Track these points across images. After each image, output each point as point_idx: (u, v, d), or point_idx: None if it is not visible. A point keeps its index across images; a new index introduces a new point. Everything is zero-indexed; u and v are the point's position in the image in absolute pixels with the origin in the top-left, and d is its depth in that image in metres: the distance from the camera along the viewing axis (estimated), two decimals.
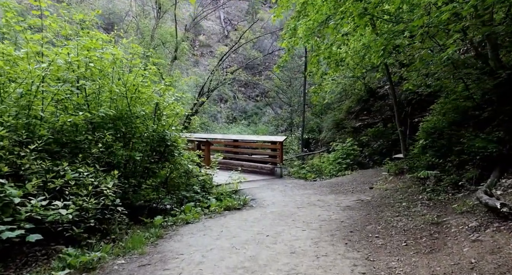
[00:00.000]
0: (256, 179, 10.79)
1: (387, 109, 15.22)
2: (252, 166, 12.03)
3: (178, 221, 5.48)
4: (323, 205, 6.81)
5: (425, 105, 13.67)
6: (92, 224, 4.14)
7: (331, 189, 9.09)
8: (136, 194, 5.46)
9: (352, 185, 9.50)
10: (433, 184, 6.79)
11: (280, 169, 11.28)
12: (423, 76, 9.53)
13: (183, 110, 7.41)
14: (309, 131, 20.29)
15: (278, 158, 11.38)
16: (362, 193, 7.96)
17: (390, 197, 6.72)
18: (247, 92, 40.69)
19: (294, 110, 24.73)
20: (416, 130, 12.57)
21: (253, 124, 35.72)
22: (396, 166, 9.10)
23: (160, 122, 6.55)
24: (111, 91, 5.68)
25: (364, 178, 10.58)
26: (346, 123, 16.59)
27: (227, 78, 21.99)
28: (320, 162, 14.47)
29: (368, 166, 13.68)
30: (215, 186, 8.87)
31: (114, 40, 7.04)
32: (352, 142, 14.02)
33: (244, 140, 13.15)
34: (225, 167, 12.69)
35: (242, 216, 5.88)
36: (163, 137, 6.38)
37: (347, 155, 13.60)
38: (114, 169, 5.09)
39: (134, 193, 5.46)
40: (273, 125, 31.01)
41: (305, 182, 10.60)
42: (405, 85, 10.75)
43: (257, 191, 9.06)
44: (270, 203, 7.37)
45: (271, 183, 10.26)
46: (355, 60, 11.06)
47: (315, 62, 10.52)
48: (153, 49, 23.00)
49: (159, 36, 23.49)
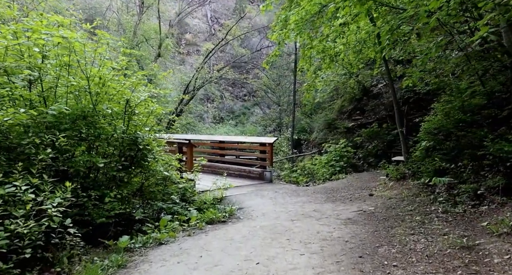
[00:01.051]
0: (243, 184, 9.89)
1: (381, 109, 14.48)
2: (240, 170, 11.12)
3: (149, 242, 4.53)
4: (321, 217, 5.94)
5: (423, 104, 12.97)
6: (29, 255, 3.17)
7: (326, 196, 8.24)
8: (98, 209, 4.49)
9: (349, 191, 8.67)
10: (444, 193, 5.99)
11: (270, 173, 10.39)
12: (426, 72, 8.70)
13: (160, 108, 6.46)
14: (299, 132, 19.48)
15: (267, 161, 10.50)
16: (363, 201, 7.12)
17: (397, 208, 5.89)
18: (234, 91, 39.76)
19: (283, 110, 23.89)
20: (414, 130, 11.85)
21: (241, 124, 34.81)
22: (397, 171, 8.30)
23: (132, 122, 5.59)
24: (68, 84, 4.70)
25: (361, 182, 9.77)
26: (339, 123, 15.80)
27: (213, 76, 20.98)
28: (312, 164, 13.64)
29: (362, 168, 12.91)
30: (198, 194, 7.95)
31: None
32: (346, 143, 13.22)
33: (231, 141, 12.23)
34: (211, 170, 11.76)
35: (227, 234, 4.96)
36: (134, 139, 5.42)
37: (341, 157, 12.80)
38: (70, 180, 4.13)
39: (95, 208, 4.49)
40: (262, 125, 30.14)
41: (297, 188, 9.73)
42: (404, 81, 9.98)
43: (245, 198, 8.16)
44: (260, 214, 6.47)
45: (260, 188, 9.37)
46: (351, 55, 10.24)
47: (308, 56, 9.67)
48: (136, 45, 21.93)
49: (142, 32, 22.38)
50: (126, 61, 5.96)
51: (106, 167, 5.01)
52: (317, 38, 9.33)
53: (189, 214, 5.89)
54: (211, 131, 30.03)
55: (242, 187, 9.58)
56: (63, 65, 4.76)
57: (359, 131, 14.69)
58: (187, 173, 8.32)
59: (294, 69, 17.73)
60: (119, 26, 22.40)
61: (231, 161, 11.99)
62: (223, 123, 34.43)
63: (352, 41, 9.49)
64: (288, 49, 20.53)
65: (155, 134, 6.53)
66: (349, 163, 12.81)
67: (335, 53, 9.74)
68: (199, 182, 9.44)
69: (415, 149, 8.82)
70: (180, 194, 6.72)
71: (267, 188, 9.40)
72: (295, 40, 9.74)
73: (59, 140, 4.17)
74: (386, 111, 14.13)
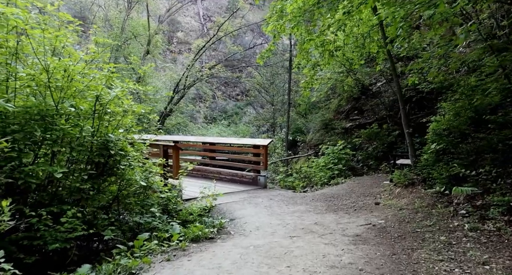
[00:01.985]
0: (235, 190, 9.05)
1: (381, 108, 13.75)
2: (232, 174, 10.27)
3: (117, 272, 3.66)
4: (324, 232, 5.12)
5: (426, 103, 12.24)
6: None
7: (327, 205, 7.44)
8: (53, 231, 3.63)
9: (351, 199, 7.88)
10: (466, 204, 5.22)
11: (264, 178, 9.57)
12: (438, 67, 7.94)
13: (140, 106, 5.60)
14: (294, 132, 18.69)
15: (262, 164, 9.67)
16: (369, 212, 6.33)
17: (412, 222, 5.09)
18: (227, 91, 38.93)
19: (277, 110, 23.08)
20: (417, 131, 11.15)
21: (234, 124, 34.01)
22: (404, 177, 7.52)
23: (103, 122, 4.72)
24: (16, 76, 3.82)
25: (363, 188, 8.99)
26: (336, 124, 15.04)
27: (205, 74, 20.08)
28: (308, 167, 12.84)
29: (362, 172, 12.15)
30: (184, 203, 7.11)
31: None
32: (344, 145, 12.44)
33: (223, 143, 11.38)
34: (200, 174, 10.91)
35: (214, 258, 4.11)
36: (105, 143, 4.56)
37: (339, 160, 12.03)
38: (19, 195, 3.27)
39: (49, 229, 3.62)
40: (255, 126, 29.37)
41: (293, 194, 8.91)
42: (410, 78, 9.22)
43: (237, 207, 7.33)
44: (253, 227, 5.64)
45: (254, 195, 8.54)
46: (352, 50, 9.45)
47: (305, 51, 8.86)
48: (124, 42, 20.97)
49: (130, 28, 21.43)
50: (100, 52, 5.08)
51: (68, 177, 4.14)
52: (315, 32, 8.54)
53: (171, 230, 5.03)
54: (203, 131, 29.16)
55: (234, 193, 8.75)
56: (12, 53, 3.88)
57: (357, 132, 13.94)
58: (173, 179, 7.50)
59: (288, 67, 16.93)
60: (106, 22, 21.41)
61: (223, 164, 11.14)
62: (216, 123, 33.61)
63: (354, 33, 8.70)
64: (282, 46, 19.75)
65: (133, 136, 5.67)
66: (348, 166, 12.05)
67: (335, 48, 8.94)
68: (187, 188, 8.60)
69: (422, 152, 8.07)
70: (162, 205, 5.86)
71: (262, 195, 8.58)
72: (291, 32, 8.92)
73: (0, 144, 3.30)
74: (387, 110, 13.40)
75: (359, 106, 15.09)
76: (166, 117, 20.55)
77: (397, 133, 12.24)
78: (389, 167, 11.63)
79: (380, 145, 12.43)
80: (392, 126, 12.74)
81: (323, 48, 8.89)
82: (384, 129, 12.59)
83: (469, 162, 6.00)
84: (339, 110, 16.18)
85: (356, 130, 14.10)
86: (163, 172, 7.25)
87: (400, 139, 12.26)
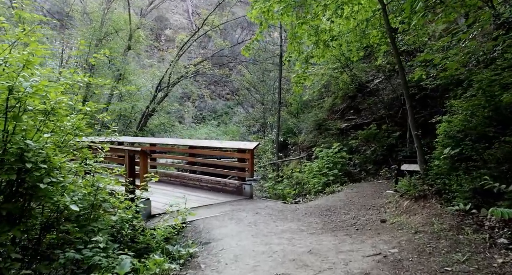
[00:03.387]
0: (217, 202, 7.82)
1: (380, 107, 12.60)
2: (213, 182, 9.03)
3: None
4: (321, 267, 3.92)
5: (429, 101, 11.10)
6: None
7: (322, 221, 6.25)
8: None
9: (350, 212, 6.71)
10: (505, 230, 4.05)
11: (250, 187, 8.34)
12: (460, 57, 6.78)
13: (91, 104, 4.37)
14: (285, 133, 17.49)
15: (247, 171, 8.45)
16: (375, 232, 5.15)
17: (435, 254, 3.90)
18: (217, 90, 37.70)
19: (267, 109, 21.86)
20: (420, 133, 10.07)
21: (223, 124, 32.81)
22: (414, 187, 6.34)
23: (19, 124, 3.45)
24: None
25: (363, 198, 7.82)
26: (330, 124, 13.87)
27: (190, 71, 18.76)
28: (300, 172, 11.65)
29: (359, 177, 10.98)
30: (147, 221, 5.90)
31: None
32: (340, 147, 11.26)
33: (203, 146, 10.12)
34: (179, 182, 9.66)
35: None
36: (19, 153, 3.30)
37: (334, 164, 10.83)
38: None
39: None
40: (245, 126, 28.20)
41: (284, 206, 7.69)
42: (416, 72, 8.09)
43: (216, 224, 6.12)
44: (231, 258, 4.42)
45: (238, 208, 7.31)
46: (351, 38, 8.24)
47: (297, 40, 7.67)
48: (104, 37, 19.59)
49: (111, 22, 20.03)
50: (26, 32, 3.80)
51: None
52: (308, 19, 7.34)
53: (119, 268, 3.77)
54: (191, 132, 27.89)
55: (214, 206, 7.51)
56: None
57: (354, 133, 12.78)
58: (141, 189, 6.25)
59: (279, 63, 15.71)
60: (85, 15, 19.99)
61: (204, 170, 9.89)
62: (205, 123, 32.40)
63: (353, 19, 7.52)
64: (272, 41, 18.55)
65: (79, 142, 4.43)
66: (344, 170, 10.88)
67: (330, 37, 7.74)
68: (159, 199, 7.40)
69: (432, 157, 6.94)
70: (115, 230, 4.60)
71: (247, 208, 7.35)
72: (280, 20, 7.72)
73: None
74: (386, 109, 12.26)
75: (355, 105, 13.94)
76: (149, 117, 19.21)
77: (398, 135, 11.11)
78: (390, 173, 10.51)
79: (379, 148, 11.30)
80: (392, 127, 11.60)
81: (318, 38, 7.70)
82: (383, 130, 11.45)
83: (499, 172, 4.85)
84: (333, 109, 15.02)
85: (353, 131, 12.95)
86: (127, 184, 6.03)
87: (401, 141, 11.13)
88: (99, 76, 19.13)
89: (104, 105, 4.55)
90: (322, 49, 7.66)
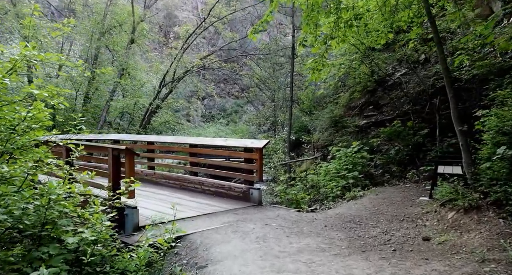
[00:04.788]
0: (219, 210, 6.67)
1: (404, 102, 11.32)
2: (217, 185, 7.88)
3: None
4: None
5: (463, 95, 9.79)
6: None
7: (348, 238, 5.05)
8: None
9: (380, 225, 5.51)
10: None
11: (259, 192, 7.18)
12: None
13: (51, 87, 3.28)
14: (296, 131, 16.27)
15: (256, 173, 7.28)
16: (419, 256, 3.94)
17: None
18: (226, 88, 36.75)
19: (278, 107, 20.68)
20: (450, 129, 8.86)
21: (233, 123, 31.85)
22: (462, 196, 5.10)
23: None
24: None
25: (392, 206, 6.60)
26: (348, 121, 12.62)
27: (195, 65, 17.65)
28: (316, 174, 10.43)
29: (381, 180, 9.71)
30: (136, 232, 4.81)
31: None
32: (360, 146, 10.01)
33: (205, 145, 8.97)
34: (178, 184, 8.55)
35: None
36: None
37: (354, 165, 9.59)
38: None
39: None
40: (255, 124, 27.14)
41: (298, 215, 6.50)
42: (458, 58, 6.83)
43: (217, 239, 4.99)
44: None
45: (244, 218, 6.16)
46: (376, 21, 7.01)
47: (313, 22, 6.47)
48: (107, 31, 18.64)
49: (114, 15, 19.10)
50: None
51: None
52: None
53: None
54: (199, 131, 27.01)
55: (216, 214, 6.37)
56: None
57: (375, 131, 11.53)
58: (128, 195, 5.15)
59: (291, 55, 14.49)
60: (86, 7, 19.06)
61: (207, 172, 8.77)
62: (213, 122, 31.47)
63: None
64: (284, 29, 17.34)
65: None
66: (364, 172, 9.65)
67: (354, 16, 6.51)
68: (150, 206, 6.34)
69: (479, 158, 5.71)
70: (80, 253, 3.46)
71: (254, 217, 6.19)
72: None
73: None
74: (411, 104, 10.97)
75: (375, 100, 12.67)
76: (153, 114, 18.17)
77: (426, 132, 9.82)
78: (418, 175, 9.25)
79: (404, 147, 10.02)
80: (419, 124, 10.31)
81: (337, 17, 6.49)
82: (408, 127, 10.18)
83: None
84: (350, 105, 13.76)
85: (373, 129, 11.69)
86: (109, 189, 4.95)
87: (430, 140, 9.84)
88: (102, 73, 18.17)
89: (68, 90, 3.66)
90: (343, 30, 6.44)
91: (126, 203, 5.30)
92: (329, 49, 6.60)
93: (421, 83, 10.76)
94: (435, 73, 10.70)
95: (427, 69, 11.33)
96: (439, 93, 10.26)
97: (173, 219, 4.43)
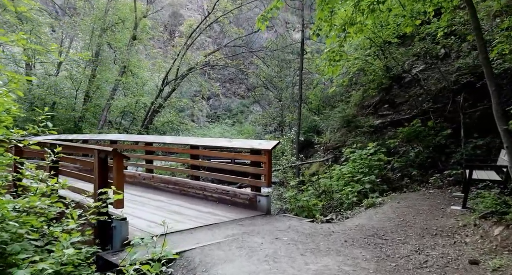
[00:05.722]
0: (223, 220, 5.89)
1: (424, 99, 10.46)
2: (220, 191, 7.09)
3: None
4: None
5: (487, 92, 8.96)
6: None
7: (374, 257, 4.23)
8: None
9: (411, 242, 4.68)
10: None
11: (267, 199, 6.39)
12: None
13: None
14: (305, 132, 15.47)
15: (264, 177, 6.50)
16: None
17: None
18: (232, 88, 36.04)
19: (285, 106, 19.88)
20: (476, 129, 8.07)
21: (238, 123, 31.13)
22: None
23: None
24: None
25: (419, 217, 5.78)
26: (361, 121, 11.79)
27: (200, 62, 16.90)
28: (328, 177, 9.60)
29: (400, 185, 8.85)
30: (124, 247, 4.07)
31: None
32: (376, 148, 9.17)
33: (208, 145, 8.19)
34: (178, 189, 7.79)
35: None
36: None
37: (370, 169, 8.76)
38: None
39: None
40: (261, 124, 26.39)
41: (312, 227, 5.69)
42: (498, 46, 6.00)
43: (218, 256, 4.21)
44: None
45: (250, 230, 5.37)
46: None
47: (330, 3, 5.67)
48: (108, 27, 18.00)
49: (115, 11, 18.45)
50: None
51: None
52: None
53: None
54: (204, 131, 26.33)
55: (220, 226, 5.59)
56: None
57: (391, 131, 10.69)
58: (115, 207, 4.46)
59: (300, 51, 13.68)
60: (86, 2, 18.42)
61: (209, 176, 7.99)
62: (219, 122, 30.81)
63: None
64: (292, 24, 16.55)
65: None
66: (381, 176, 8.82)
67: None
68: (144, 215, 5.60)
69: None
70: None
71: (262, 229, 5.40)
72: None
73: None
74: (431, 102, 10.12)
75: (391, 98, 11.83)
76: (155, 113, 17.46)
77: (449, 133, 8.98)
78: (441, 180, 8.40)
79: (425, 149, 9.18)
80: (441, 123, 9.47)
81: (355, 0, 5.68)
82: (429, 128, 9.34)
83: None
84: (363, 104, 12.93)
85: (389, 129, 10.85)
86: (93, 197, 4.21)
87: (453, 141, 9.00)
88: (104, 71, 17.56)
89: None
90: (365, 15, 5.63)
91: (114, 214, 4.56)
92: (347, 36, 5.78)
93: (443, 79, 9.91)
94: (458, 68, 9.86)
95: (449, 64, 10.48)
96: (463, 90, 9.43)
97: (164, 236, 3.65)
